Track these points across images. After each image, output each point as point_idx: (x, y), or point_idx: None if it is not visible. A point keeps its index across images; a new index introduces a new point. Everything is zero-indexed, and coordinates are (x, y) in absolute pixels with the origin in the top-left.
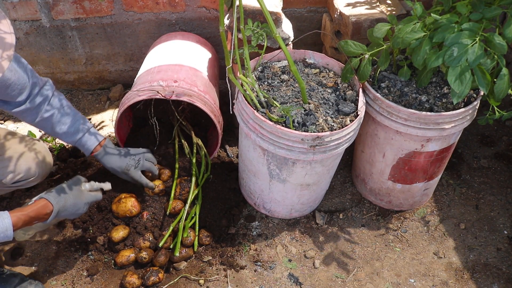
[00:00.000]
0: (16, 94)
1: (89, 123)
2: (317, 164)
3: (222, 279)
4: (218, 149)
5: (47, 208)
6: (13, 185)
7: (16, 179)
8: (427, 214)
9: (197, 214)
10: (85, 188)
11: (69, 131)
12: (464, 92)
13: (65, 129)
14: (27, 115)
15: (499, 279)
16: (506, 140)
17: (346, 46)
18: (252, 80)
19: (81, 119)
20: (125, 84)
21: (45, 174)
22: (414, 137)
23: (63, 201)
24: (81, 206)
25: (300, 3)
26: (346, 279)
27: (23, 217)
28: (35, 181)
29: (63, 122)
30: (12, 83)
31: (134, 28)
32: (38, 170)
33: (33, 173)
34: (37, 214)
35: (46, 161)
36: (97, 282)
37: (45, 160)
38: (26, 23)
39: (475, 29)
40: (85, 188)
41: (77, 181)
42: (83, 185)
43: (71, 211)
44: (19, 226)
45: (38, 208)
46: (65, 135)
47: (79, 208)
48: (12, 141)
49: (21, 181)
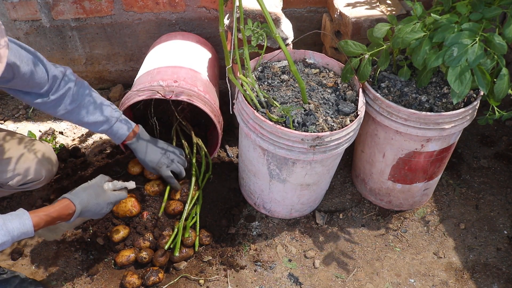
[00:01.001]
0: (35, 85)
1: (118, 111)
2: (317, 164)
3: (222, 279)
4: (218, 149)
5: (69, 208)
6: (19, 187)
7: (23, 182)
8: (427, 214)
9: (197, 214)
10: (109, 188)
11: (98, 121)
12: (464, 92)
13: (94, 119)
14: (50, 107)
15: (499, 279)
16: (506, 140)
17: (346, 46)
18: (252, 80)
19: (109, 106)
20: (125, 84)
21: (52, 175)
22: (414, 137)
23: (86, 201)
24: (104, 206)
25: (300, 3)
26: (346, 279)
27: (45, 217)
28: (42, 183)
29: (90, 112)
30: (26, 73)
31: (134, 28)
32: (45, 173)
33: (41, 175)
34: (60, 214)
35: (52, 162)
36: (97, 282)
37: (52, 161)
38: (26, 23)
39: (475, 29)
40: (108, 188)
41: (101, 181)
42: (106, 185)
43: (94, 211)
44: (41, 226)
45: (60, 208)
46: (94, 125)
47: (102, 208)
48: (17, 144)
49: (29, 183)
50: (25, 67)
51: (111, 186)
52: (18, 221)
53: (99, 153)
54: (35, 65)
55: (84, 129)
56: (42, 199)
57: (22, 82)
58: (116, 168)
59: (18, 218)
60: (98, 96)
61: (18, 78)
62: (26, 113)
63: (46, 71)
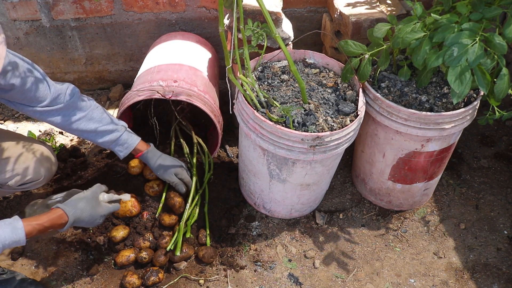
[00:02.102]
0: (34, 98)
1: (125, 123)
2: (317, 164)
3: (222, 279)
4: (218, 149)
5: (62, 218)
6: (19, 187)
7: (22, 182)
8: (427, 214)
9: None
10: (103, 199)
11: (107, 129)
12: (464, 92)
13: (104, 128)
14: (54, 121)
15: (499, 279)
16: (506, 140)
17: (346, 46)
18: (252, 80)
19: (114, 119)
20: (125, 84)
21: (51, 175)
22: (414, 137)
23: (79, 212)
24: (97, 218)
25: (300, 3)
26: (346, 279)
27: (38, 227)
28: (41, 182)
29: (97, 120)
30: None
31: (134, 28)
32: (45, 173)
33: (40, 175)
34: (52, 224)
35: (52, 162)
36: (97, 282)
37: (51, 161)
38: (26, 23)
39: (475, 29)
40: (103, 199)
41: (96, 191)
42: (102, 195)
43: (87, 222)
44: (34, 234)
45: (53, 218)
46: (102, 134)
47: (95, 219)
48: (15, 143)
49: (28, 183)
50: (24, 78)
51: (107, 197)
52: (10, 229)
53: (99, 153)
54: (35, 78)
55: None
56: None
57: (21, 94)
58: (116, 168)
59: (11, 227)
60: (101, 111)
61: (17, 90)
62: None
63: (48, 86)
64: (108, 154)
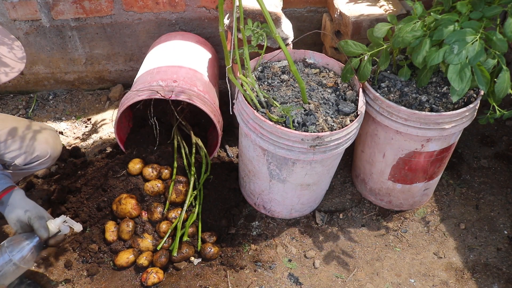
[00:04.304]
0: None
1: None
2: (317, 164)
3: (222, 279)
4: (218, 149)
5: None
6: (25, 167)
7: (29, 160)
8: (427, 214)
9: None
10: (51, 227)
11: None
12: (464, 89)
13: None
14: None
15: (499, 279)
16: (506, 140)
17: (346, 46)
18: (252, 80)
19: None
20: (125, 84)
21: (57, 155)
22: (414, 137)
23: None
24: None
25: (300, 3)
26: (346, 279)
27: None
28: (47, 162)
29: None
30: None
31: (134, 28)
32: (51, 151)
33: (47, 152)
34: None
35: (57, 141)
36: (97, 282)
37: (56, 141)
38: (26, 23)
39: (476, 27)
40: (51, 227)
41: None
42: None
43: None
44: None
45: None
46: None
47: (4, 283)
48: (22, 125)
49: (34, 162)
50: None
51: (54, 225)
52: None
53: (99, 153)
54: None
55: (84, 129)
56: (42, 199)
57: None
58: (116, 168)
59: None
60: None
61: None
62: (26, 113)
63: None
64: (108, 154)
